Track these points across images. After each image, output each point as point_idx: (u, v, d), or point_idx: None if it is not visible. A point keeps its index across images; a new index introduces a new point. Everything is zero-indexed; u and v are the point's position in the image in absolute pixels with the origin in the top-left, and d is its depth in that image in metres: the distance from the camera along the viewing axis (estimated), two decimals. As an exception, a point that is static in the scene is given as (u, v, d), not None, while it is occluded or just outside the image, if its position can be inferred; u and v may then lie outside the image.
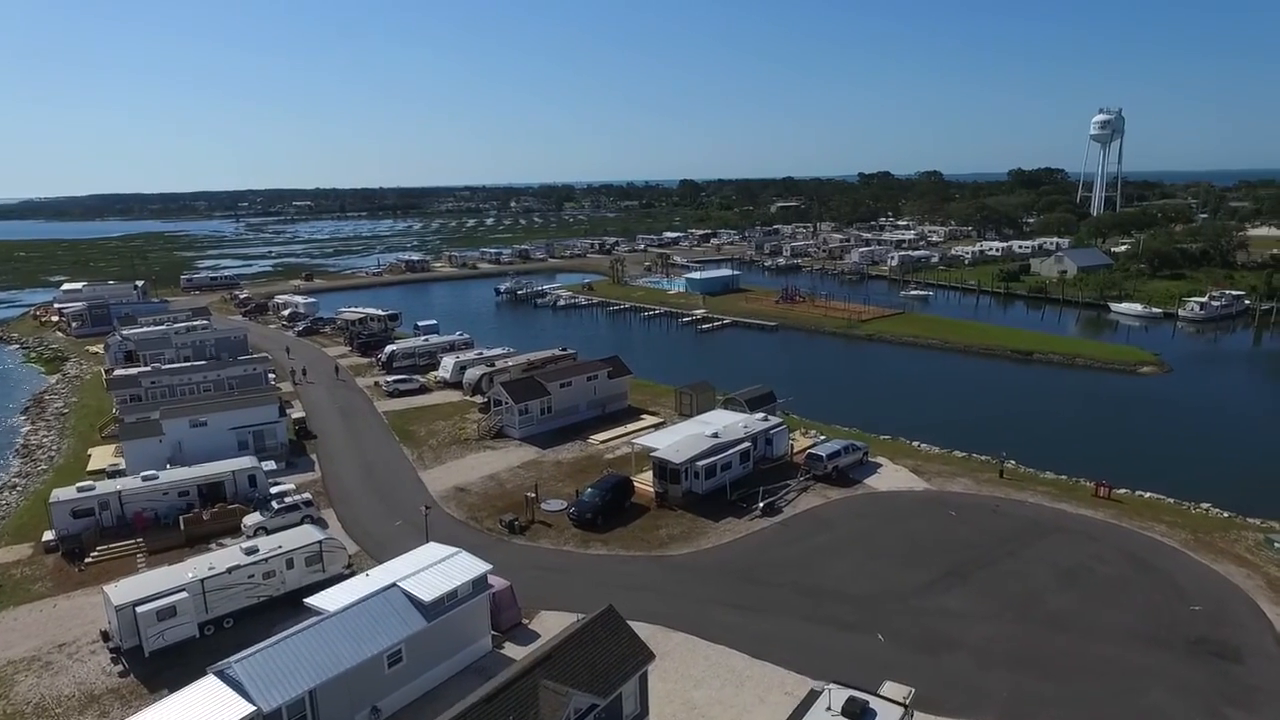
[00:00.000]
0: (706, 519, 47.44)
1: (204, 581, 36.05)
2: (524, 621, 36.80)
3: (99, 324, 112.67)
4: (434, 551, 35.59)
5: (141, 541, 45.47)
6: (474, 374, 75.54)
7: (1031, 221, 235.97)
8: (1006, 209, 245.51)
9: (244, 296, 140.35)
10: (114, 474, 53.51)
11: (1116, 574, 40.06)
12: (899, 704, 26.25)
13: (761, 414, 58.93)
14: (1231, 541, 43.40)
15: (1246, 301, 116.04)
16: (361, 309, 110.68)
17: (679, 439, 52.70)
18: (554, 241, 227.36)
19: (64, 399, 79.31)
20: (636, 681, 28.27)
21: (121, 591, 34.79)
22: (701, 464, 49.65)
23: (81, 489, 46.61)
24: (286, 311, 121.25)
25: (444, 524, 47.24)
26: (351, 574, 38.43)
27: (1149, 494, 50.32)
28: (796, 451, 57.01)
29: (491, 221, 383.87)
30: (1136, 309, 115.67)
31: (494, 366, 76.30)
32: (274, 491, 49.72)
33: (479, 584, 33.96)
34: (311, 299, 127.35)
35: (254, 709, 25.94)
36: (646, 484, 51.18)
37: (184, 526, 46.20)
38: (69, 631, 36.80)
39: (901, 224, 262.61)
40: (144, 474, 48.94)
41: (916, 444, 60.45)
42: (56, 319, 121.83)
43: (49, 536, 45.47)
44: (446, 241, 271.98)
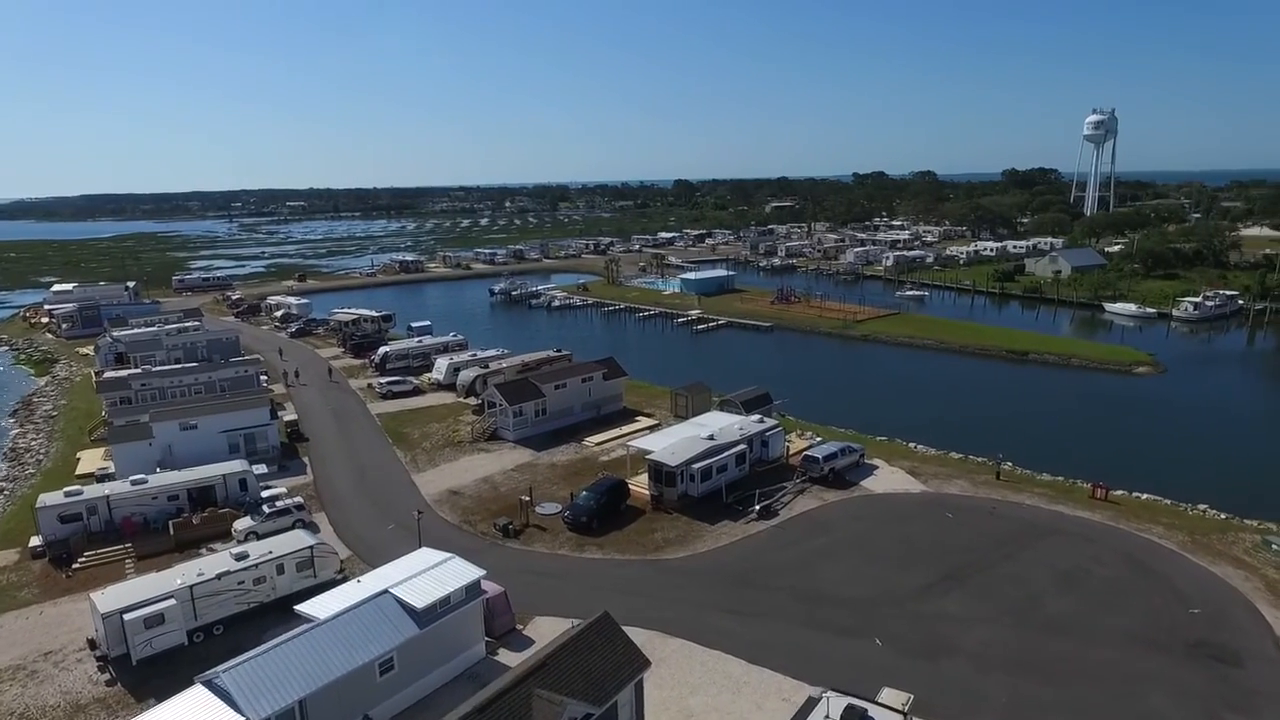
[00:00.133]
0: (702, 522, 47.07)
1: (193, 588, 35.51)
2: (518, 627, 36.36)
3: (89, 325, 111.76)
4: (427, 557, 35.14)
5: (130, 547, 44.85)
6: (468, 376, 75.04)
7: (1026, 221, 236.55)
8: (1001, 209, 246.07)
9: (236, 297, 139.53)
10: (103, 478, 53.02)
11: (1114, 577, 39.84)
12: (898, 711, 25.90)
13: (757, 416, 58.61)
14: (1229, 543, 43.24)
15: (1240, 301, 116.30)
16: (355, 310, 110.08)
17: (675, 441, 52.33)
18: (549, 242, 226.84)
19: (53, 401, 78.55)
20: (632, 689, 27.87)
21: (108, 599, 34.24)
22: (697, 467, 49.29)
23: (69, 494, 45.98)
24: (279, 313, 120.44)
25: (437, 528, 46.79)
26: (344, 579, 38.07)
27: (1146, 495, 50.17)
28: (792, 453, 56.70)
29: (486, 222, 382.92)
30: (1131, 309, 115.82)
31: (488, 368, 75.82)
32: (265, 495, 49.26)
33: (472, 590, 33.50)
34: (305, 300, 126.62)
35: (242, 719, 25.46)
36: (642, 487, 50.78)
37: (174, 531, 45.61)
38: (55, 639, 36.21)
39: (896, 224, 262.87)
40: (133, 478, 48.28)
41: (913, 445, 60.22)
42: (46, 320, 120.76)
43: (36, 542, 44.80)
44: (441, 242, 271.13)
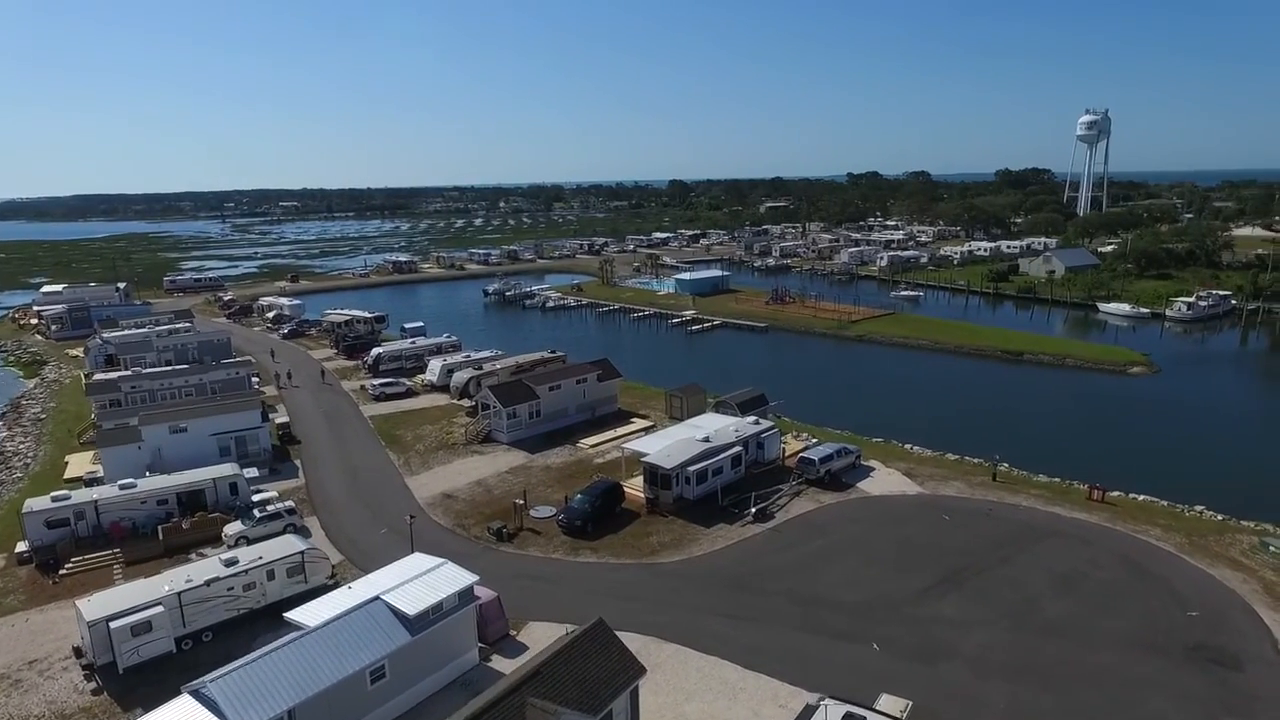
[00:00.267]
0: (698, 525, 46.71)
1: (181, 595, 34.98)
2: (512, 633, 35.93)
3: (79, 327, 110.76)
4: (419, 562, 34.66)
5: (119, 552, 44.21)
6: (461, 377, 74.53)
7: (1019, 222, 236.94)
8: (994, 209, 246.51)
9: (228, 298, 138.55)
10: (91, 482, 52.33)
11: (1112, 579, 39.62)
12: (896, 719, 25.63)
13: (753, 417, 58.25)
14: (1226, 545, 43.09)
15: (1233, 301, 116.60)
16: (348, 311, 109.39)
17: (670, 443, 51.94)
18: (543, 242, 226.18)
19: (42, 404, 77.70)
20: (627, 697, 27.52)
21: (94, 606, 33.67)
22: (693, 469, 48.92)
23: (56, 498, 45.29)
24: (271, 314, 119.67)
25: (430, 532, 46.31)
26: (335, 585, 37.58)
27: (1143, 496, 50.01)
28: (788, 455, 56.39)
29: (480, 222, 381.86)
30: (1124, 309, 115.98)
31: (482, 369, 75.30)
32: (256, 499, 48.65)
33: (465, 596, 33.07)
34: (297, 301, 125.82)
35: (230, 730, 24.98)
36: (637, 489, 50.40)
37: (163, 536, 45.00)
38: (41, 647, 35.61)
39: (890, 224, 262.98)
40: (121, 482, 47.63)
41: (909, 447, 59.98)
42: (36, 321, 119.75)
43: (22, 548, 44.16)
44: (434, 242, 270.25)
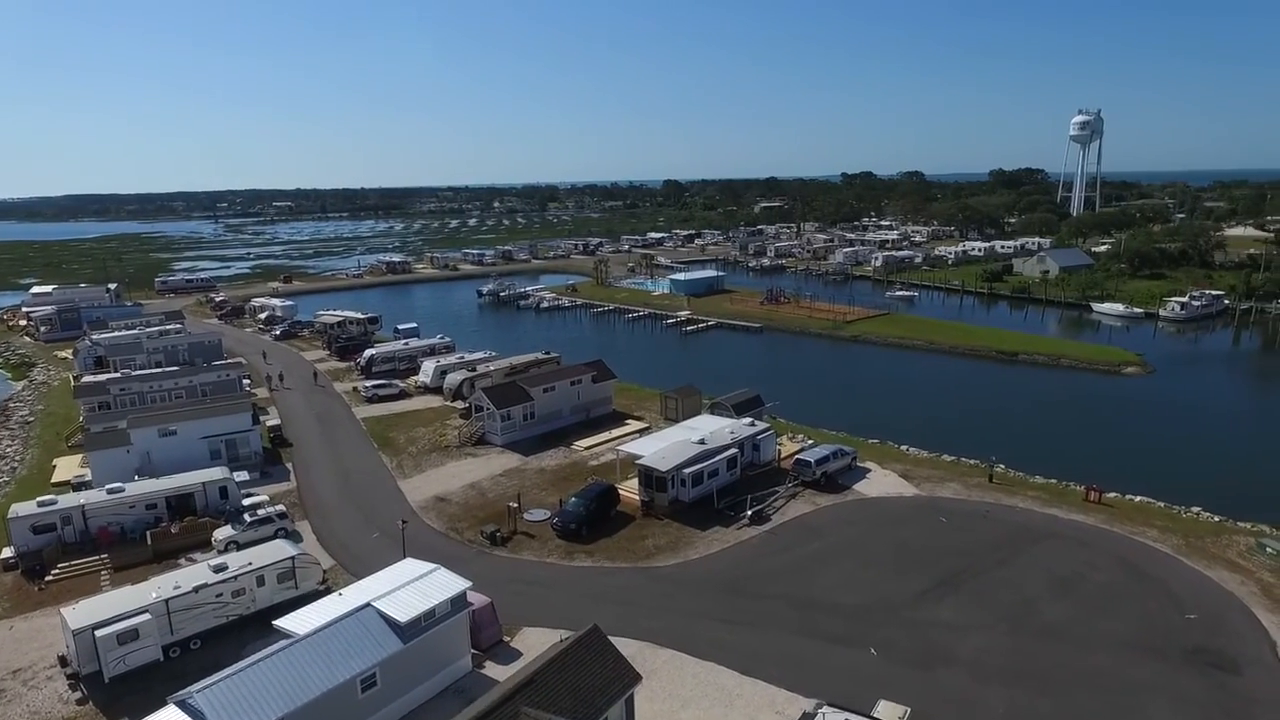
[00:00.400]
0: (693, 528, 46.33)
1: (168, 602, 34.42)
2: (505, 639, 35.47)
3: (69, 328, 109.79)
4: (411, 568, 34.21)
5: (106, 558, 43.60)
6: (455, 379, 74.03)
7: (1013, 221, 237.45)
8: (988, 209, 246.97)
9: (220, 299, 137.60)
10: (79, 486, 51.67)
11: (1110, 581, 39.40)
12: (895, 726, 25.33)
13: (748, 419, 57.93)
14: (1223, 546, 42.93)
15: (1226, 301, 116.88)
16: (340, 312, 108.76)
17: (665, 446, 51.58)
18: (537, 242, 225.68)
19: (30, 407, 76.82)
20: (622, 705, 27.12)
21: (80, 614, 33.11)
22: (688, 471, 48.54)
23: (42, 503, 44.62)
24: (263, 315, 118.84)
25: (423, 536, 45.84)
26: (326, 591, 37.13)
27: (1139, 498, 49.85)
28: (784, 457, 56.04)
29: (474, 222, 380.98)
30: (1118, 309, 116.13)
31: (475, 371, 74.83)
32: (246, 503, 48.12)
33: (458, 602, 32.62)
34: (289, 302, 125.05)
35: (217, 742, 24.50)
36: (632, 492, 50.00)
37: (151, 541, 44.41)
38: (25, 656, 34.99)
39: (885, 224, 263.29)
40: (109, 486, 47.03)
41: (905, 448, 59.73)
42: (24, 323, 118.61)
43: (8, 554, 43.44)
44: (428, 242, 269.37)
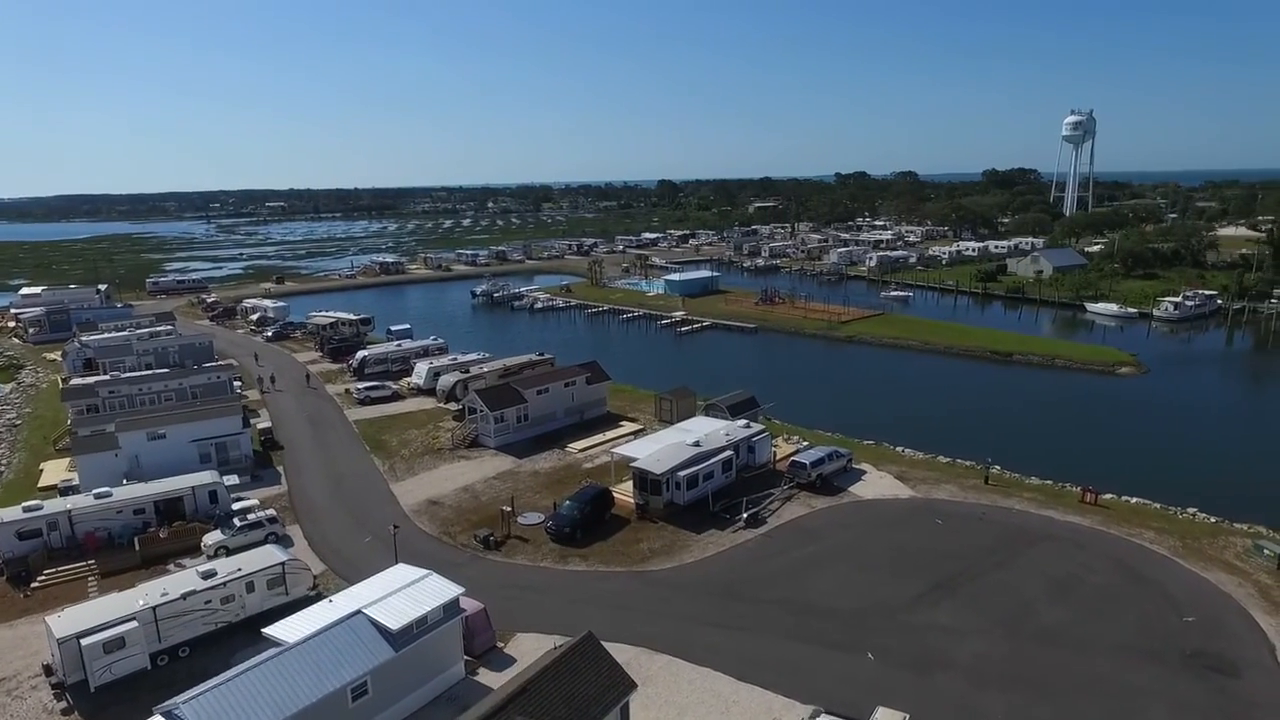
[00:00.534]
0: (689, 531, 45.97)
1: (156, 609, 33.85)
2: (499, 645, 35.04)
3: (58, 330, 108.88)
4: (403, 574, 33.73)
5: (93, 564, 42.99)
6: (448, 380, 73.48)
7: (1006, 222, 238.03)
8: (982, 209, 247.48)
9: (212, 300, 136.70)
10: (66, 490, 50.87)
11: (1107, 584, 39.18)
12: (894, 734, 25.01)
13: (743, 420, 57.62)
14: (1220, 548, 42.78)
15: (1219, 301, 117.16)
16: (333, 313, 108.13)
17: (660, 448, 51.21)
18: (531, 243, 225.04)
19: (17, 409, 75.99)
20: (618, 713, 26.74)
21: (65, 622, 32.53)
22: (683, 474, 48.16)
23: (28, 508, 44.00)
24: (255, 316, 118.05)
25: (416, 540, 45.36)
26: (317, 597, 36.65)
27: (1135, 499, 49.70)
28: (779, 459, 55.76)
29: (468, 222, 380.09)
30: (1112, 309, 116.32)
31: (469, 372, 74.28)
32: (236, 508, 47.48)
33: (450, 608, 32.15)
34: (282, 303, 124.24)
35: (204, 754, 24.02)
36: (626, 495, 49.60)
37: (139, 547, 43.79)
38: (9, 665, 34.39)
39: (879, 224, 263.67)
40: (96, 491, 46.36)
41: (900, 449, 59.50)
42: (13, 325, 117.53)
43: (-7, 560, 42.84)
44: (422, 243, 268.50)
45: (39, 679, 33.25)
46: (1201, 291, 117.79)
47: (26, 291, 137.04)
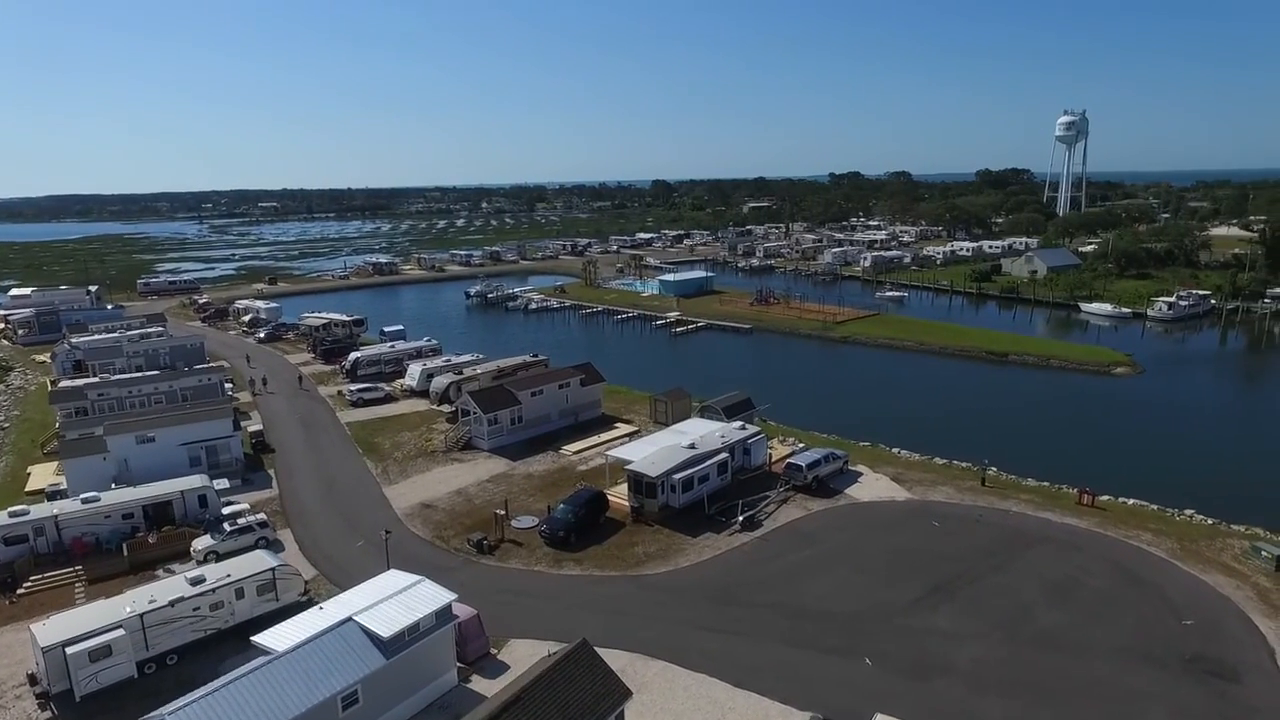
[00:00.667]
0: (684, 534, 45.59)
1: (143, 616, 33.30)
2: (492, 651, 34.60)
3: (47, 331, 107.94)
4: (394, 580, 33.25)
5: (81, 570, 42.36)
6: (441, 382, 72.95)
7: (1000, 222, 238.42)
8: (975, 209, 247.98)
9: (203, 301, 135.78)
10: (54, 495, 50.29)
11: (1105, 587, 38.95)
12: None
13: (739, 422, 57.30)
14: (1218, 550, 42.61)
15: (1213, 301, 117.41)
16: (326, 314, 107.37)
17: (655, 450, 50.82)
18: (525, 243, 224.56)
19: (5, 412, 75.09)
20: (613, 722, 26.34)
21: (50, 630, 31.95)
22: (678, 477, 47.80)
23: (13, 513, 43.34)
24: (247, 317, 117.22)
25: (408, 544, 44.90)
26: (309, 602, 36.16)
27: (1132, 501, 49.52)
28: (775, 461, 55.46)
29: (462, 223, 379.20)
30: (1106, 309, 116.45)
31: (462, 374, 73.76)
32: (226, 512, 46.89)
33: (443, 615, 31.70)
34: (274, 304, 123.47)
35: (190, 766, 23.53)
36: (621, 498, 49.22)
37: (128, 552, 43.18)
38: (-6, 674, 33.83)
39: (873, 224, 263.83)
40: (84, 496, 45.74)
41: (896, 451, 59.24)
42: (2, 326, 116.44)
43: (-22, 567, 42.18)
44: (416, 243, 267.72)
45: (23, 688, 32.66)
46: (1195, 291, 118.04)
47: (16, 293, 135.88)
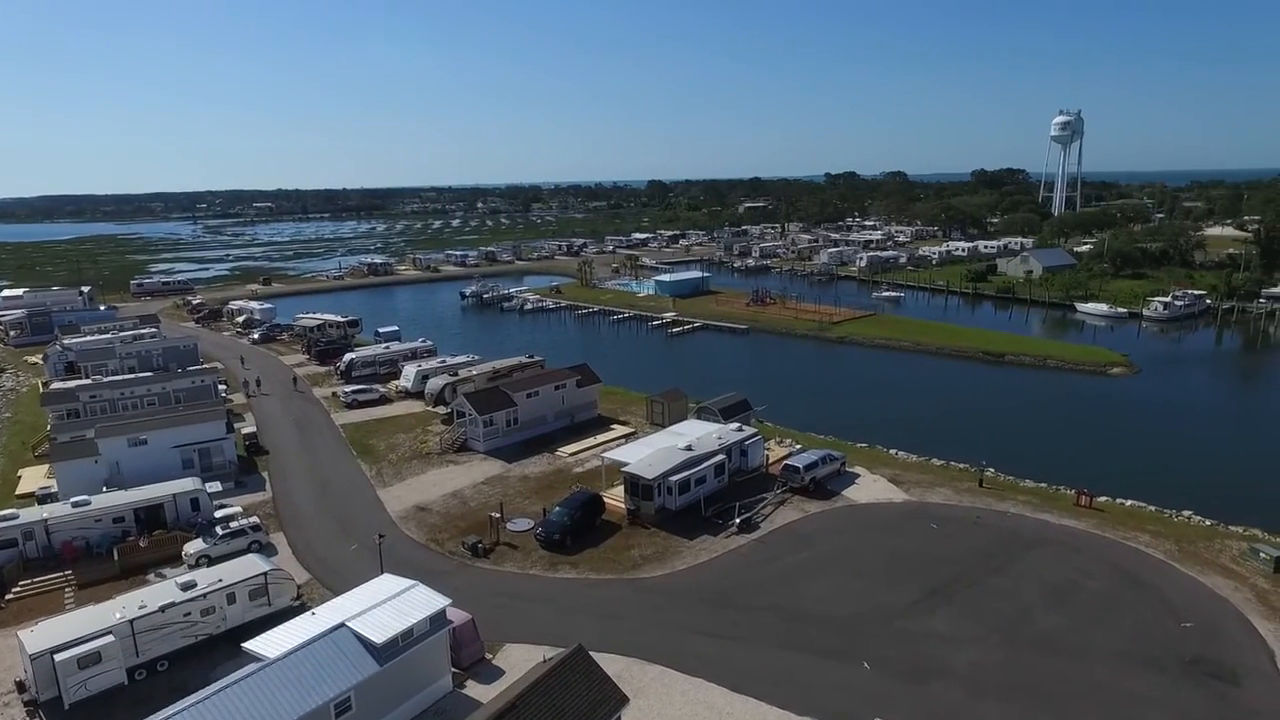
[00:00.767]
0: (681, 537, 45.28)
1: (133, 622, 32.89)
2: (487, 656, 34.26)
3: (39, 332, 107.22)
4: (388, 585, 32.89)
5: (71, 574, 41.88)
6: (436, 383, 72.54)
7: (995, 222, 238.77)
8: (971, 209, 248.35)
9: (197, 302, 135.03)
10: (44, 498, 49.76)
11: (1104, 589, 38.77)
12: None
13: (736, 423, 57.02)
14: (1216, 552, 42.47)
15: (1208, 301, 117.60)
16: (320, 315, 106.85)
17: (651, 452, 50.51)
18: (521, 243, 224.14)
19: (-4, 414, 74.51)
20: (609, 728, 26.04)
21: (38, 637, 31.52)
22: (675, 479, 47.50)
23: (2, 517, 42.83)
24: (241, 318, 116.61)
25: (402, 547, 44.51)
26: (302, 607, 35.72)
27: (1130, 501, 49.37)
28: (772, 462, 55.20)
29: (458, 223, 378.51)
30: (1102, 309, 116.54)
31: (457, 375, 73.37)
32: (219, 515, 46.52)
33: (437, 620, 31.35)
34: (268, 305, 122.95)
35: (180, 777, 23.16)
36: (617, 500, 48.92)
37: (119, 557, 42.72)
38: (-19, 681, 33.36)
39: (869, 224, 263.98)
40: (74, 499, 45.23)
41: (894, 452, 59.02)
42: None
43: (-35, 572, 41.67)
44: (411, 243, 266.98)
45: (11, 696, 32.20)
46: (1190, 291, 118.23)
47: (8, 293, 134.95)
